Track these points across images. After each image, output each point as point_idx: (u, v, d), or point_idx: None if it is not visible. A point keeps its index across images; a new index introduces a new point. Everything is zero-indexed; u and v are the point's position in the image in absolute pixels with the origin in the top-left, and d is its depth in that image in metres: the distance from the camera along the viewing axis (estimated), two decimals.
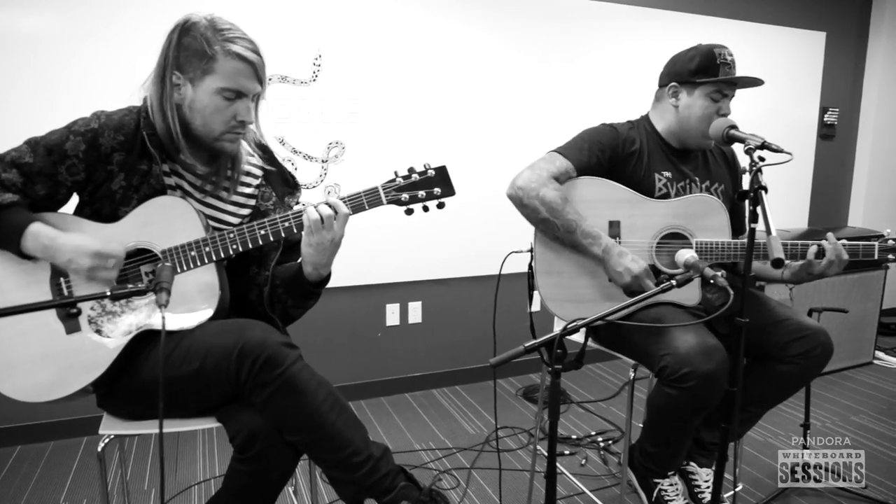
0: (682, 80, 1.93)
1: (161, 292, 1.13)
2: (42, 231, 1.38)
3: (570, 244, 1.86)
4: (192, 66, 1.41)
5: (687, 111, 1.93)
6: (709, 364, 1.63)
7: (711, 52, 1.88)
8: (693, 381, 1.63)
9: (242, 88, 1.43)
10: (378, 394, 3.41)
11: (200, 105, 1.43)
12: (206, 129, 1.46)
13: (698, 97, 1.91)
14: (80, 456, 2.71)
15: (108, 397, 1.49)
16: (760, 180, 1.42)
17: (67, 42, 2.59)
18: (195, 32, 1.40)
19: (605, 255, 1.81)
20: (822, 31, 4.34)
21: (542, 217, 1.84)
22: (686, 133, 1.96)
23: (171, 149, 1.48)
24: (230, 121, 1.45)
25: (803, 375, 1.88)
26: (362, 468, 1.37)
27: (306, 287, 1.55)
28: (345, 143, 3.10)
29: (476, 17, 3.28)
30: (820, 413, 3.17)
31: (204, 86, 1.41)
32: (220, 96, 1.42)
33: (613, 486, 2.46)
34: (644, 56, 3.60)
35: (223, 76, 1.40)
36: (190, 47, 1.40)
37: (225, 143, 1.49)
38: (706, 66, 1.88)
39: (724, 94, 1.90)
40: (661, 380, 1.72)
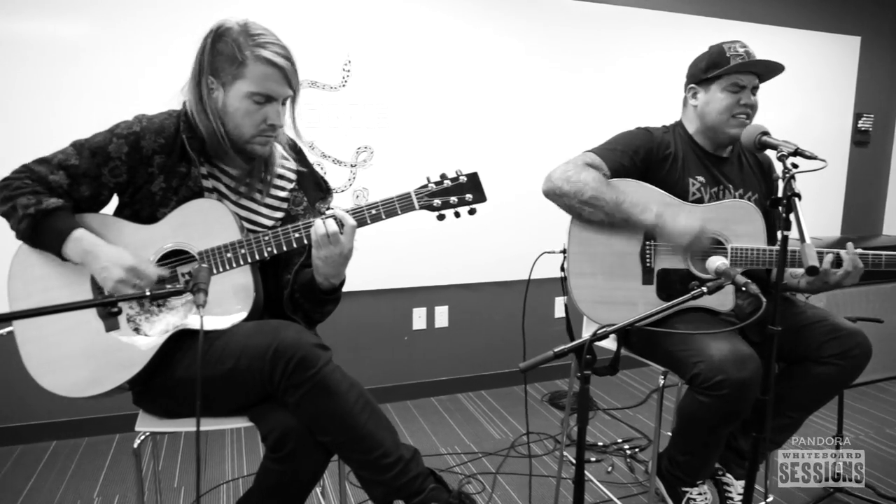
0: (698, 81, 1.96)
1: (199, 293, 1.16)
2: (85, 237, 1.42)
3: (620, 218, 1.83)
4: (224, 71, 1.44)
5: (706, 108, 1.94)
6: (743, 372, 1.61)
7: (721, 48, 1.91)
8: (726, 388, 1.61)
9: (272, 92, 1.46)
10: (404, 397, 3.43)
11: (232, 109, 1.46)
12: (237, 133, 1.49)
13: (715, 92, 1.92)
14: (113, 452, 2.77)
15: (143, 395, 1.53)
16: (794, 187, 1.41)
17: (107, 49, 2.66)
18: (227, 38, 1.43)
19: (659, 221, 1.80)
20: (857, 36, 4.27)
21: (588, 197, 1.82)
22: (712, 129, 1.96)
23: (214, 151, 1.52)
24: (260, 124, 1.48)
25: (842, 377, 1.85)
26: (392, 469, 1.38)
27: (319, 294, 1.57)
28: (373, 148, 3.13)
29: (505, 23, 3.30)
30: (853, 425, 3.11)
31: (234, 90, 1.44)
32: (250, 100, 1.45)
33: (640, 494, 2.44)
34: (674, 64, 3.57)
35: (252, 80, 1.43)
36: (222, 52, 1.43)
37: (256, 146, 1.52)
38: (716, 60, 1.90)
39: (741, 86, 1.90)
40: (693, 387, 1.70)
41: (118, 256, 1.41)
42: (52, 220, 1.42)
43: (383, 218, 1.47)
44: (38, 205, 1.40)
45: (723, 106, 1.90)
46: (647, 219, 1.81)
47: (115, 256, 1.41)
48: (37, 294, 1.47)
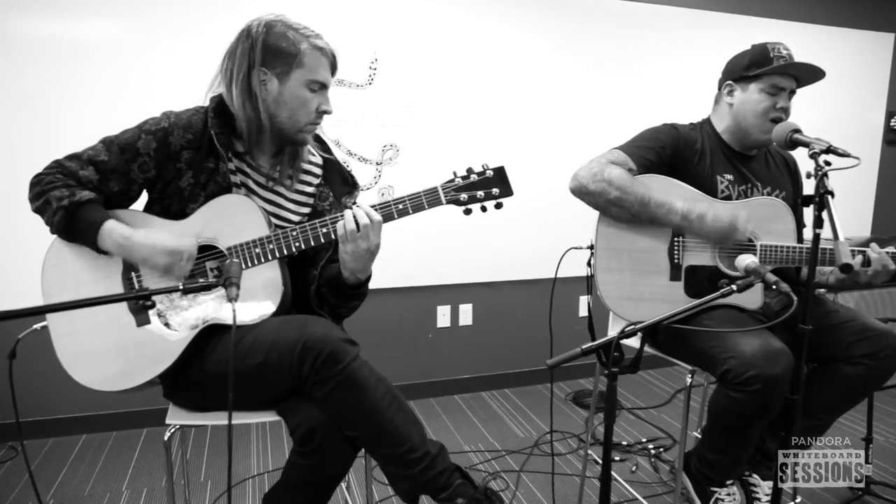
0: (737, 78, 1.93)
1: (231, 287, 1.17)
2: (116, 229, 1.44)
3: (647, 218, 1.83)
4: (280, 62, 1.47)
5: (742, 107, 1.91)
6: (775, 368, 1.60)
7: (765, 47, 1.88)
8: (759, 384, 1.59)
9: (326, 80, 1.53)
10: (427, 395, 3.44)
11: (289, 97, 1.50)
12: (292, 121, 1.52)
13: (753, 92, 1.89)
14: (141, 446, 2.81)
15: (173, 388, 1.55)
16: (826, 185, 1.39)
17: (136, 49, 2.70)
18: (278, 30, 1.48)
19: (686, 222, 1.80)
20: (891, 33, 4.19)
21: (613, 196, 1.82)
22: (743, 131, 1.94)
23: (252, 143, 1.54)
24: (313, 112, 1.53)
25: (872, 378, 1.81)
26: (419, 464, 1.39)
27: (344, 290, 1.58)
28: (399, 146, 3.14)
29: (530, 21, 3.29)
30: (883, 428, 3.05)
31: (293, 79, 1.49)
32: (307, 88, 1.50)
33: (665, 494, 2.42)
34: (703, 64, 3.54)
35: (310, 69, 1.49)
36: (276, 44, 1.47)
37: (306, 135, 1.57)
38: (759, 60, 1.87)
39: (780, 88, 1.87)
40: (724, 384, 1.69)
41: (154, 243, 1.43)
42: (85, 211, 1.44)
43: (410, 213, 1.48)
44: (72, 196, 1.42)
45: (760, 108, 1.88)
46: (674, 219, 1.81)
47: (152, 244, 1.43)
48: (69, 289, 1.50)
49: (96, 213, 1.46)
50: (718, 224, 1.77)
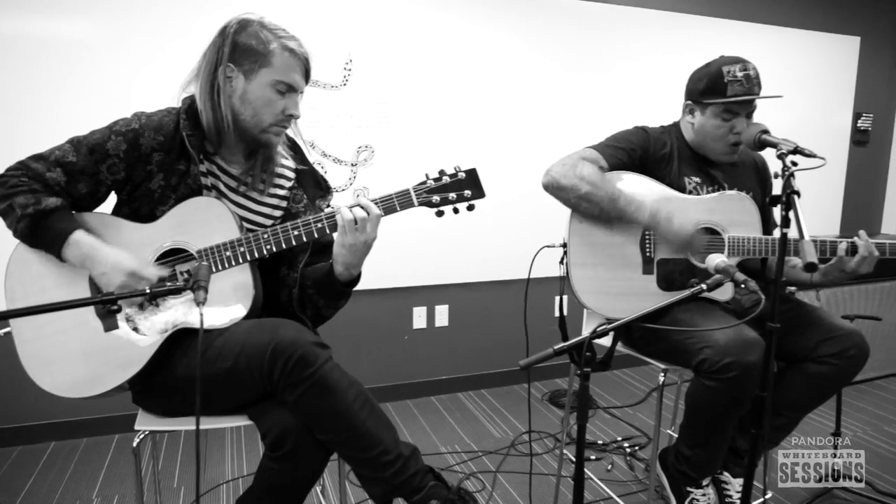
0: (694, 100, 1.96)
1: (199, 290, 1.16)
2: (84, 240, 1.42)
3: (615, 214, 1.85)
4: (249, 59, 1.46)
5: (701, 130, 1.96)
6: (750, 355, 1.62)
7: (720, 71, 1.88)
8: (735, 371, 1.62)
9: (295, 83, 1.50)
10: (404, 397, 3.43)
11: (253, 97, 1.48)
12: (255, 121, 1.50)
13: (709, 117, 1.92)
14: (112, 453, 2.77)
15: (143, 394, 1.53)
16: (793, 185, 1.41)
17: (108, 48, 2.66)
18: (252, 29, 1.47)
19: (653, 221, 1.83)
20: (857, 36, 4.27)
21: (584, 192, 1.84)
22: (705, 150, 1.98)
23: (215, 143, 1.52)
24: (279, 114, 1.51)
25: (839, 377, 1.85)
26: (392, 467, 1.38)
27: (337, 287, 1.57)
28: (374, 147, 3.13)
29: (506, 22, 3.30)
30: (852, 422, 3.11)
31: (258, 78, 1.47)
32: (274, 89, 1.48)
33: (640, 492, 2.44)
34: (675, 64, 3.58)
35: (278, 70, 1.47)
36: (247, 42, 1.46)
37: (271, 136, 1.54)
38: (713, 86, 1.89)
39: (734, 113, 1.89)
40: (700, 374, 1.71)
41: (118, 261, 1.40)
42: (51, 220, 1.41)
43: (383, 215, 1.48)
44: (37, 205, 1.39)
45: (717, 134, 1.92)
46: (642, 217, 1.83)
47: (115, 261, 1.40)
48: (34, 294, 1.47)
49: (63, 222, 1.42)
50: (682, 231, 1.80)
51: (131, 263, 1.41)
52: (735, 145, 1.92)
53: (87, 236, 1.43)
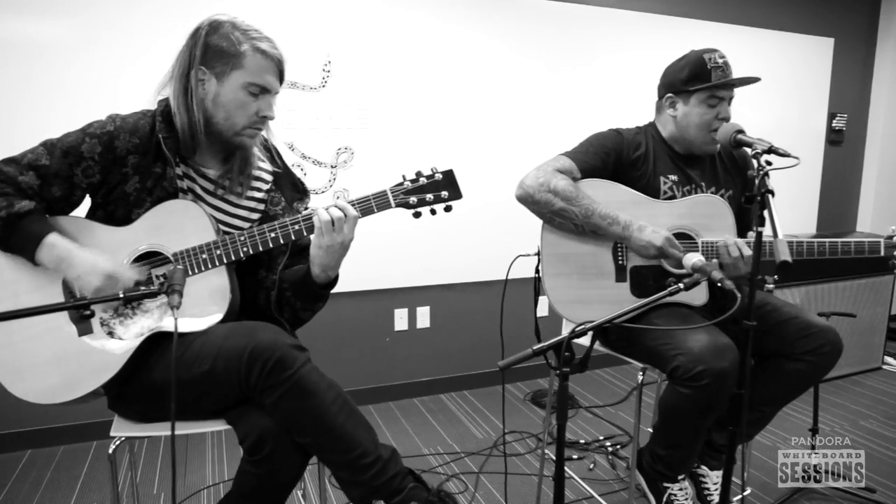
0: (677, 91, 1.96)
1: (173, 294, 1.15)
2: (59, 242, 1.40)
3: (590, 229, 1.87)
4: (220, 62, 1.44)
5: (685, 120, 1.96)
6: (722, 362, 1.64)
7: (701, 59, 1.91)
8: (707, 379, 1.63)
9: (268, 85, 1.48)
10: (386, 398, 3.42)
11: (226, 99, 1.46)
12: (228, 123, 1.49)
13: (694, 105, 1.93)
14: (90, 460, 2.73)
15: (119, 399, 1.51)
16: (767, 184, 1.43)
17: (82, 49, 2.62)
18: (223, 31, 1.45)
19: (626, 232, 1.84)
20: (831, 38, 4.34)
21: (558, 207, 1.85)
22: (688, 142, 1.98)
23: (189, 147, 1.50)
24: (253, 116, 1.49)
25: (813, 373, 1.88)
26: (371, 469, 1.38)
27: (314, 289, 1.56)
28: (354, 149, 3.12)
29: (485, 23, 3.30)
30: (828, 417, 3.15)
31: (231, 80, 1.45)
32: (246, 91, 1.47)
33: (622, 491, 2.45)
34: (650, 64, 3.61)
35: (250, 72, 1.45)
36: (218, 44, 1.44)
37: (245, 138, 1.53)
38: (697, 72, 1.91)
39: (720, 98, 1.92)
40: (673, 380, 1.72)
41: (93, 263, 1.38)
42: (25, 223, 1.39)
43: (360, 217, 1.47)
44: (10, 208, 1.37)
45: (703, 121, 1.93)
46: (616, 231, 1.85)
47: (91, 263, 1.38)
48: (6, 299, 1.44)
49: (36, 225, 1.40)
50: (655, 240, 1.81)
51: (108, 265, 1.39)
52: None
53: (63, 239, 1.41)
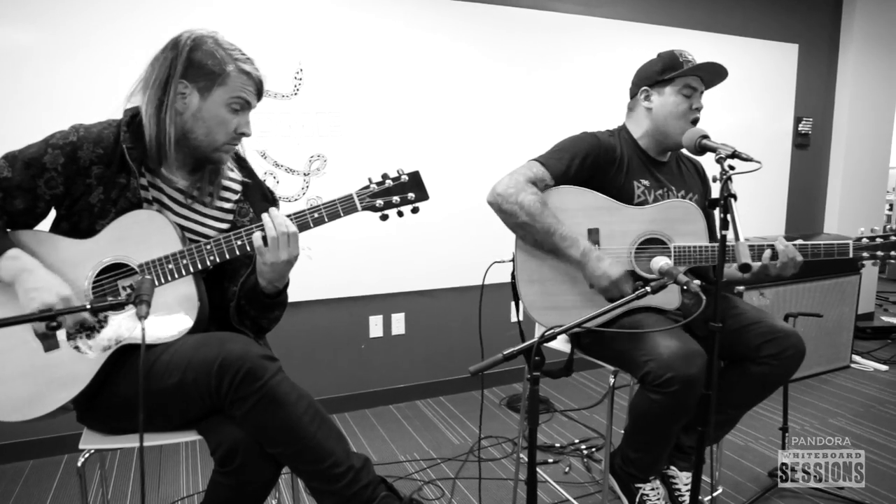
0: (652, 83, 2.00)
1: (141, 304, 1.13)
2: (22, 257, 1.37)
3: (549, 248, 1.88)
4: (204, 78, 1.44)
5: (661, 110, 1.99)
6: (691, 368, 1.66)
7: (672, 53, 1.98)
8: (676, 385, 1.65)
9: (249, 99, 1.50)
10: (362, 406, 3.41)
11: (208, 115, 1.47)
12: (208, 140, 1.49)
13: (670, 95, 1.97)
14: (60, 475, 2.68)
15: (88, 412, 1.49)
16: (730, 188, 1.46)
17: (50, 58, 2.59)
18: (207, 48, 1.45)
19: (584, 259, 1.84)
20: (795, 44, 4.44)
21: (521, 221, 1.86)
22: (663, 134, 2.00)
23: (155, 159, 1.49)
24: (231, 132, 1.50)
25: (777, 376, 1.92)
26: (343, 479, 1.37)
27: (263, 299, 1.56)
28: (327, 156, 3.12)
29: (457, 30, 3.32)
30: (798, 416, 3.21)
31: (214, 97, 1.46)
32: (228, 108, 1.47)
33: (597, 493, 2.47)
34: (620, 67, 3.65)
35: (234, 89, 1.47)
36: (203, 60, 1.44)
37: (222, 154, 1.53)
38: (671, 64, 1.97)
39: (693, 89, 1.97)
40: (644, 385, 1.74)
41: (53, 284, 1.36)
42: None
43: (326, 221, 1.48)
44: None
45: (678, 110, 1.96)
46: (574, 255, 1.85)
47: (51, 283, 1.35)
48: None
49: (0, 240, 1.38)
50: (611, 273, 1.82)
51: (66, 290, 1.36)
52: (695, 123, 1.96)
53: (27, 256, 1.39)
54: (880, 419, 3.20)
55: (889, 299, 5.64)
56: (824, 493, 2.42)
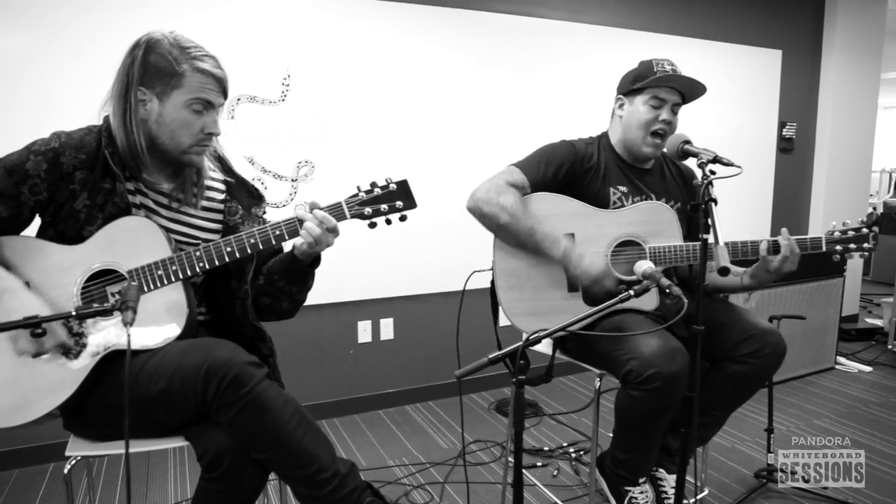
0: (625, 92, 2.03)
1: (127, 311, 1.14)
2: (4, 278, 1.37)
3: (531, 248, 1.89)
4: (160, 82, 1.43)
5: (629, 119, 2.02)
6: (672, 365, 1.68)
7: (650, 62, 1.99)
8: (658, 381, 1.68)
9: (211, 100, 1.48)
10: (351, 411, 3.41)
11: (169, 119, 1.45)
12: (174, 143, 1.48)
13: (638, 104, 1.99)
14: (47, 483, 2.66)
15: (74, 419, 1.48)
16: (711, 193, 1.48)
17: (31, 64, 2.58)
18: (161, 50, 1.43)
19: (565, 258, 1.86)
20: (779, 50, 4.50)
21: (503, 223, 1.87)
22: (630, 142, 2.03)
23: (134, 166, 1.49)
24: (198, 133, 1.49)
25: (757, 375, 1.93)
26: (329, 484, 1.38)
27: (304, 270, 1.61)
28: (314, 162, 3.13)
29: (444, 37, 3.34)
30: (784, 418, 3.24)
31: (172, 100, 1.44)
32: (189, 109, 1.46)
33: (585, 496, 2.49)
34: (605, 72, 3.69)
35: (192, 90, 1.45)
36: (157, 64, 1.43)
37: (192, 156, 1.52)
38: (643, 74, 1.98)
39: (662, 100, 1.97)
40: (626, 384, 1.76)
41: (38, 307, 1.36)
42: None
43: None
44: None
45: (643, 120, 1.98)
46: (555, 254, 1.87)
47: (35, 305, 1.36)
48: None
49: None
50: (593, 269, 1.85)
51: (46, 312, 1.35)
52: (657, 136, 1.98)
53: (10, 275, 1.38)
54: (864, 420, 3.23)
55: (874, 301, 5.70)
56: (809, 493, 2.44)
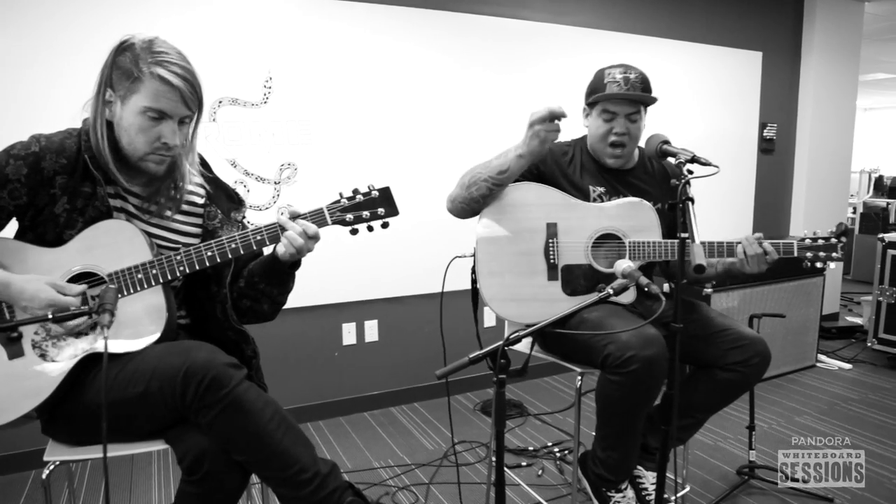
0: (587, 103, 2.08)
1: (104, 314, 1.14)
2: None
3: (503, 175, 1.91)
4: (122, 85, 1.42)
5: (591, 130, 2.08)
6: (649, 349, 1.71)
7: (601, 74, 2.01)
8: (636, 364, 1.70)
9: (166, 110, 1.43)
10: (336, 413, 3.40)
11: (127, 123, 1.43)
12: (131, 148, 1.46)
13: (595, 117, 2.04)
14: (28, 490, 2.64)
15: (53, 423, 1.47)
16: (688, 192, 1.50)
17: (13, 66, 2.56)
18: (129, 52, 1.42)
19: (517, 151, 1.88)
20: (759, 51, 4.55)
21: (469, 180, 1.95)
22: (595, 152, 2.09)
23: (103, 171, 1.48)
24: (154, 142, 1.45)
25: (744, 382, 1.97)
26: (310, 485, 1.38)
27: (284, 271, 1.60)
28: (297, 165, 3.12)
29: (427, 39, 3.35)
30: (765, 415, 3.28)
31: (130, 104, 1.42)
32: (145, 116, 1.42)
33: (569, 496, 2.50)
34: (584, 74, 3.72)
35: (147, 96, 1.41)
36: (122, 66, 1.41)
37: (149, 164, 1.48)
38: (595, 86, 2.02)
39: (613, 113, 1.98)
40: (605, 368, 1.78)
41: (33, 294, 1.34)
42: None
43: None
44: None
45: (599, 133, 2.03)
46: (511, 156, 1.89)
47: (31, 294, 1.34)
48: None
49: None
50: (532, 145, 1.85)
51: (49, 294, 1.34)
52: (615, 146, 2.01)
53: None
54: (844, 416, 3.28)
55: (854, 299, 5.77)
56: (791, 491, 2.47)
